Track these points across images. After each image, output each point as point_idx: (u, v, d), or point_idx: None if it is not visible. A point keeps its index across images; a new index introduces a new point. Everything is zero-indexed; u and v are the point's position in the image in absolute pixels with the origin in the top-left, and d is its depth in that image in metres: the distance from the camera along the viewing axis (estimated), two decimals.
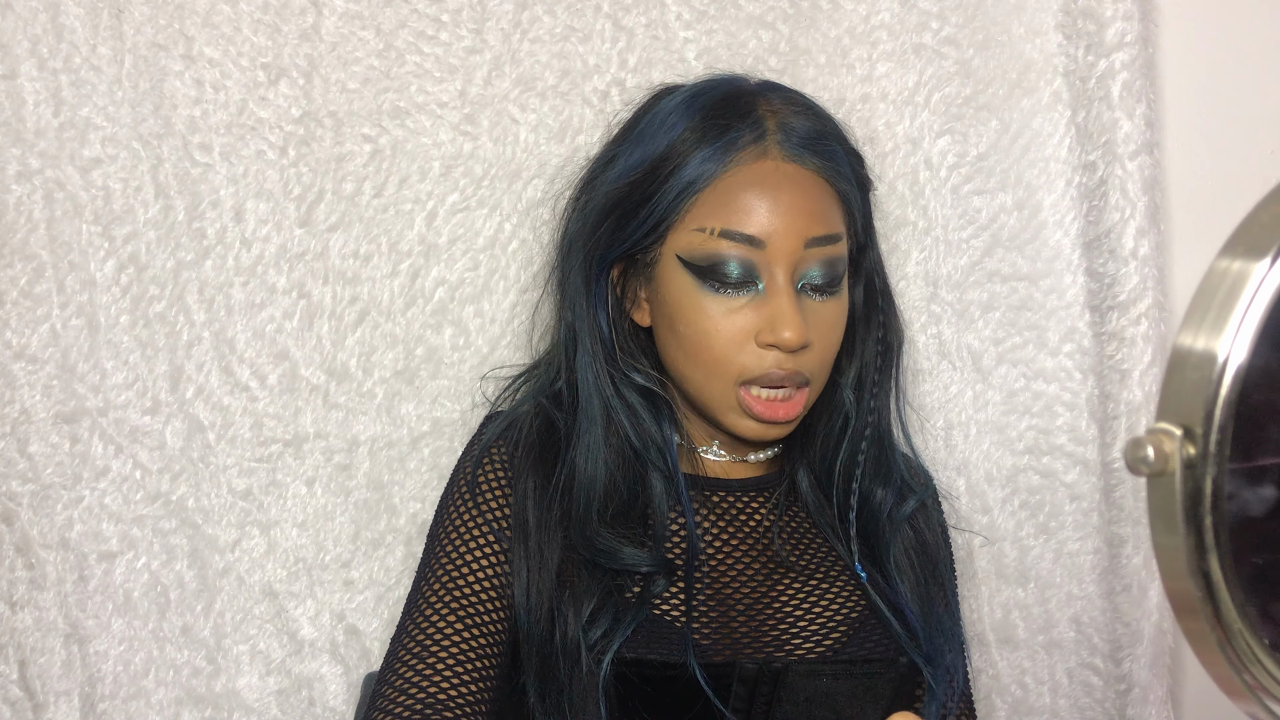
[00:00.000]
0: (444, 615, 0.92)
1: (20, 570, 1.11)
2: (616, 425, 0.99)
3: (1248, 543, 0.50)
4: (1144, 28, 1.22)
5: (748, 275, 0.94)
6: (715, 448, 1.04)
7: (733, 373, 0.95)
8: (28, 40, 1.11)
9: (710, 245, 0.95)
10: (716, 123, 0.97)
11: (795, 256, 0.94)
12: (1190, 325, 0.50)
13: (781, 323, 0.93)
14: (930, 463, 1.25)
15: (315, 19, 1.15)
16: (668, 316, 0.98)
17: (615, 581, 0.94)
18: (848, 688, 0.96)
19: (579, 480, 0.97)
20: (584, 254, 1.01)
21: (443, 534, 0.98)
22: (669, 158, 0.97)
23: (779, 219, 0.94)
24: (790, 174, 0.96)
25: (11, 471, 1.11)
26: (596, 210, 1.01)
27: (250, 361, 1.15)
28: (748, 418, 0.96)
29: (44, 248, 1.11)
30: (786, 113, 0.98)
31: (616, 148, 1.03)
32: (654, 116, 1.01)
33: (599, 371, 1.00)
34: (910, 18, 1.24)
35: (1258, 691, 0.50)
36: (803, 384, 0.96)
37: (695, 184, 0.95)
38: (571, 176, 1.09)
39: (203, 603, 1.14)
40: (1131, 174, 1.21)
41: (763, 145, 0.96)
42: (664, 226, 0.97)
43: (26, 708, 1.11)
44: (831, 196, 0.98)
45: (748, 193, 0.95)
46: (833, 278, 0.97)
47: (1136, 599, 1.24)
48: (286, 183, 1.15)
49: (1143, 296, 1.22)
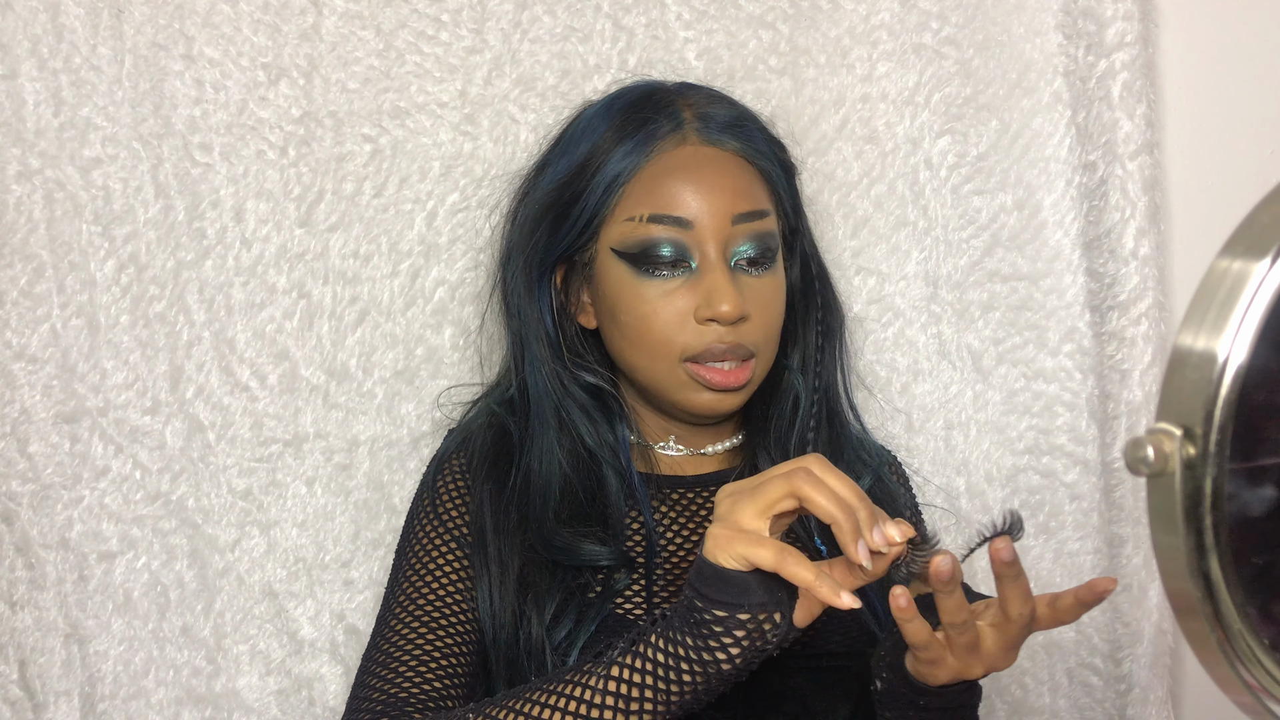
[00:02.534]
0: (410, 625, 0.94)
1: (20, 570, 1.11)
2: (569, 427, 1.01)
3: (1248, 543, 0.50)
4: (1144, 28, 1.22)
5: (680, 255, 0.97)
6: (672, 442, 1.05)
7: (675, 352, 0.97)
8: (28, 40, 1.11)
9: (641, 231, 0.97)
10: (635, 118, 1.00)
11: (724, 233, 0.97)
12: (1190, 325, 0.50)
13: (717, 296, 0.95)
14: (930, 463, 1.25)
15: (315, 19, 1.15)
16: (609, 309, 1.00)
17: (577, 581, 0.96)
18: (815, 682, 0.96)
19: (534, 484, 0.99)
20: (524, 260, 1.04)
21: (408, 549, 1.00)
22: (594, 156, 1.00)
23: (704, 198, 0.97)
24: (710, 156, 0.99)
25: (11, 471, 1.11)
26: (531, 217, 1.04)
27: (250, 361, 1.15)
28: (702, 390, 0.98)
29: (44, 248, 1.11)
30: (702, 103, 1.02)
31: (546, 158, 1.07)
32: (577, 124, 1.05)
33: (548, 374, 1.02)
34: (910, 18, 1.24)
35: (1258, 692, 0.51)
36: (747, 356, 0.98)
37: (620, 177, 0.98)
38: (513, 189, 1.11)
39: (203, 603, 1.14)
40: (1131, 174, 1.21)
41: (681, 133, 1.00)
42: (596, 223, 0.99)
43: (26, 708, 1.11)
44: (754, 174, 1.01)
45: (671, 177, 0.97)
46: (764, 251, 0.99)
47: (1136, 599, 1.24)
48: (286, 183, 1.15)
49: (1143, 296, 1.22)
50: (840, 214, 1.24)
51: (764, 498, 0.76)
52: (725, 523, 0.77)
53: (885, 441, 1.18)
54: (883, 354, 1.25)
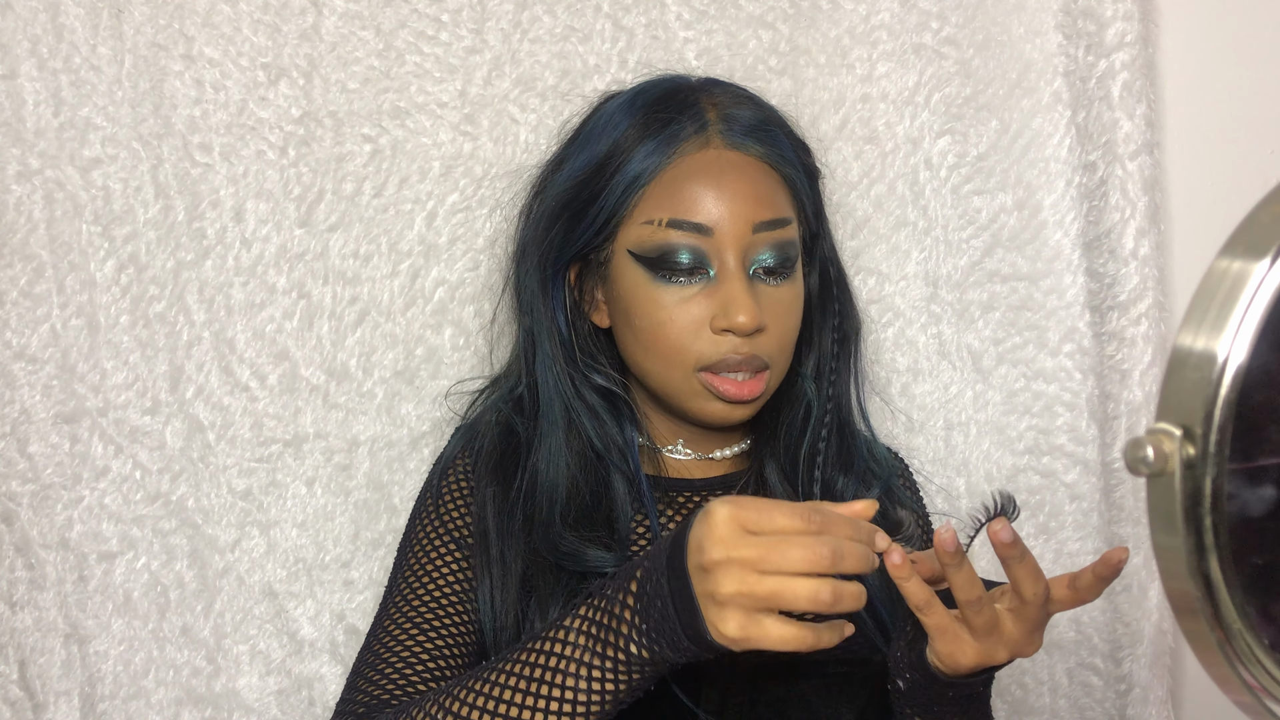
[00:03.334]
0: (403, 626, 0.93)
1: (20, 570, 1.11)
2: (578, 428, 1.00)
3: (1248, 543, 0.50)
4: (1144, 28, 1.22)
5: (698, 262, 0.95)
6: (680, 446, 1.04)
7: (690, 360, 0.96)
8: (28, 40, 1.11)
9: (659, 236, 0.95)
10: (658, 117, 0.98)
11: (744, 242, 0.95)
12: (1190, 325, 0.50)
13: (734, 307, 0.94)
14: (930, 463, 1.25)
15: (315, 19, 1.15)
16: (624, 312, 0.99)
17: (581, 585, 0.94)
18: (821, 688, 0.96)
19: (541, 485, 0.98)
20: (538, 258, 1.02)
21: (408, 550, 0.99)
22: (614, 155, 0.98)
23: (725, 205, 0.95)
24: (734, 161, 0.97)
25: (11, 471, 1.11)
26: (547, 214, 1.02)
27: (250, 361, 1.15)
28: (714, 400, 0.97)
29: (44, 248, 1.11)
30: (728, 104, 1.00)
31: (564, 152, 1.05)
32: (598, 119, 1.03)
33: (559, 374, 1.01)
34: (910, 18, 1.24)
35: (1258, 692, 0.51)
36: (761, 368, 0.97)
37: (641, 178, 0.97)
38: (529, 184, 1.10)
39: (203, 603, 1.14)
40: (1131, 174, 1.21)
41: (705, 135, 0.97)
42: (613, 223, 0.98)
43: (26, 708, 1.11)
44: (777, 181, 0.99)
45: (693, 182, 0.96)
46: (784, 260, 0.97)
47: (1136, 599, 1.24)
48: (286, 183, 1.15)
49: (1143, 296, 1.22)
50: (840, 214, 1.24)
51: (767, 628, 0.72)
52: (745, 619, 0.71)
53: (885, 442, 1.18)
54: (883, 354, 1.25)
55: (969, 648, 0.79)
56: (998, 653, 0.79)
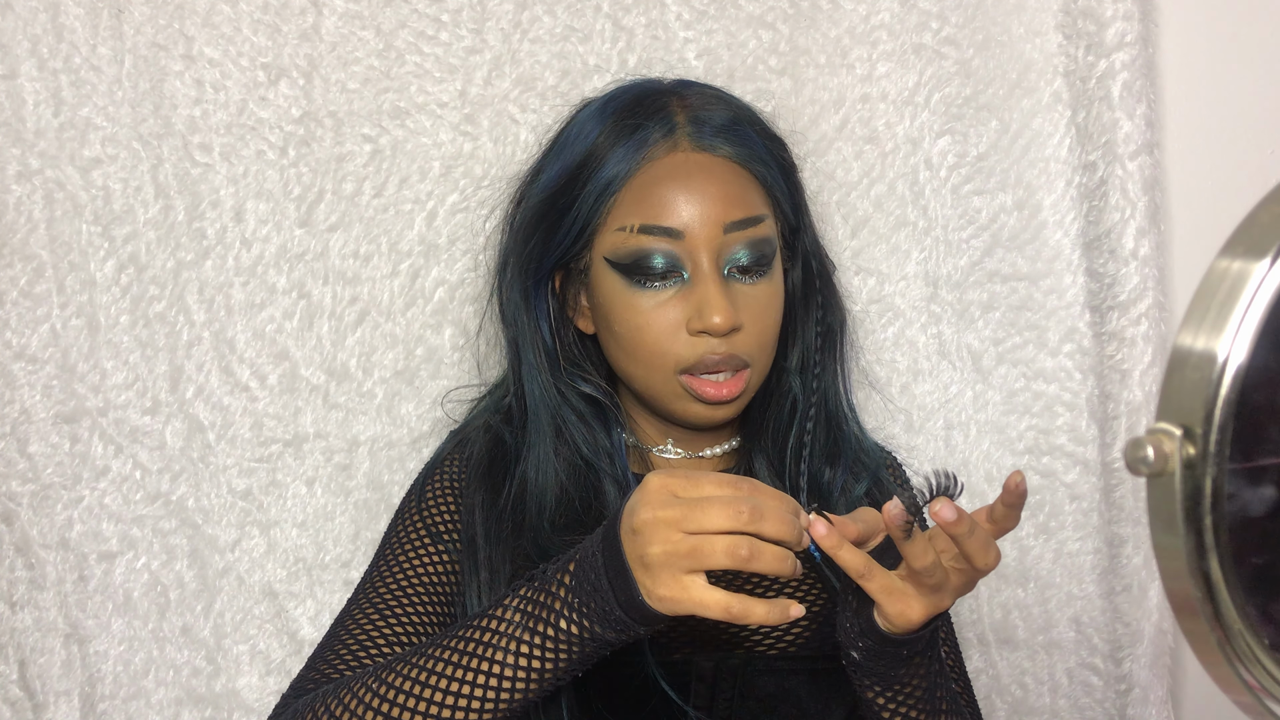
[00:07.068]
0: (366, 613, 0.94)
1: (20, 570, 1.11)
2: (566, 436, 1.00)
3: (1248, 543, 0.50)
4: (1144, 28, 1.22)
5: (672, 266, 0.96)
6: (670, 446, 1.05)
7: (670, 363, 0.96)
8: (28, 40, 1.11)
9: (632, 242, 0.96)
10: (628, 123, 0.99)
11: (716, 243, 0.96)
12: (1190, 325, 0.50)
13: (708, 308, 0.94)
14: (930, 463, 1.25)
15: (315, 19, 1.15)
16: (604, 318, 1.00)
17: None
18: (811, 684, 0.96)
19: (530, 493, 0.99)
20: (520, 268, 1.03)
21: (386, 542, 1.00)
22: (586, 163, 0.99)
23: (695, 208, 0.96)
24: (701, 163, 0.98)
25: (11, 471, 1.11)
26: (526, 224, 1.03)
27: (250, 361, 1.15)
28: (695, 402, 0.97)
29: (44, 248, 1.11)
30: (697, 105, 1.00)
31: (541, 161, 1.05)
32: (572, 127, 1.03)
33: (545, 384, 1.01)
34: (910, 18, 1.24)
35: (1258, 692, 0.51)
36: (740, 367, 0.97)
37: (612, 185, 0.98)
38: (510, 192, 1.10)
39: (203, 603, 1.14)
40: (1131, 174, 1.21)
41: (673, 139, 0.98)
42: (589, 231, 0.99)
43: (26, 708, 1.11)
44: (748, 180, 0.99)
45: (662, 186, 0.96)
46: (759, 259, 0.97)
47: (1136, 599, 1.24)
48: (286, 183, 1.15)
49: (1143, 296, 1.22)
50: (840, 214, 1.24)
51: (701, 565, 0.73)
52: (672, 572, 0.73)
53: (885, 442, 1.18)
54: (883, 354, 1.25)
55: (916, 602, 0.77)
56: (944, 601, 0.78)
